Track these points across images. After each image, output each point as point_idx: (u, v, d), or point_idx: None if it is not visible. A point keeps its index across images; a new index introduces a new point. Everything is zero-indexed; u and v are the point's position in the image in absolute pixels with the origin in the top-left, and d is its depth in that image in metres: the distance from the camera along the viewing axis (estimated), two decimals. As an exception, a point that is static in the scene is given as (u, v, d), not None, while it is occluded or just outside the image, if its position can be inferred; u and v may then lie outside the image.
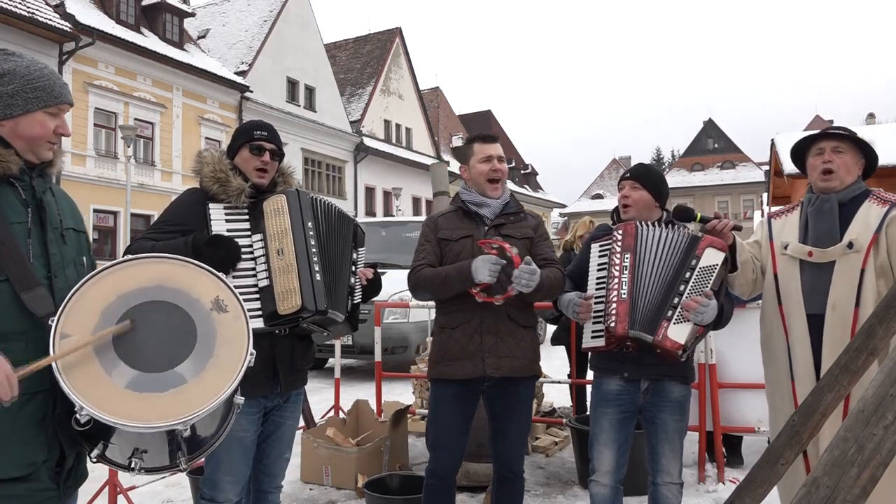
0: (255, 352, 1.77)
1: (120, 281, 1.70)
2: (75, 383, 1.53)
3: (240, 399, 1.77)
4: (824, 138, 2.60)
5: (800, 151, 2.70)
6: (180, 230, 2.28)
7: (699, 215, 2.66)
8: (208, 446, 1.81)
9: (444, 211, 2.91)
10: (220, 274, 1.86)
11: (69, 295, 1.62)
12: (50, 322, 1.56)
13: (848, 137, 2.58)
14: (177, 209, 2.40)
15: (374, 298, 2.77)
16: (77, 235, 1.84)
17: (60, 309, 1.59)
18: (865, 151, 2.59)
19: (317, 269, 2.30)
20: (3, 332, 1.57)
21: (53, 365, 1.53)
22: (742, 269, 2.65)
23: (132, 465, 1.66)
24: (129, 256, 1.78)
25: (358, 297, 2.52)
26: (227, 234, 2.29)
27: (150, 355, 1.63)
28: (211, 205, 2.33)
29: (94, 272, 1.69)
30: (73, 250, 1.81)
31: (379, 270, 2.74)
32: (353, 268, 2.52)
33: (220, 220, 2.31)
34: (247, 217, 2.35)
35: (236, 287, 1.96)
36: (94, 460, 1.67)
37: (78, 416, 1.51)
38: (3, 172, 1.65)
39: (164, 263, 1.80)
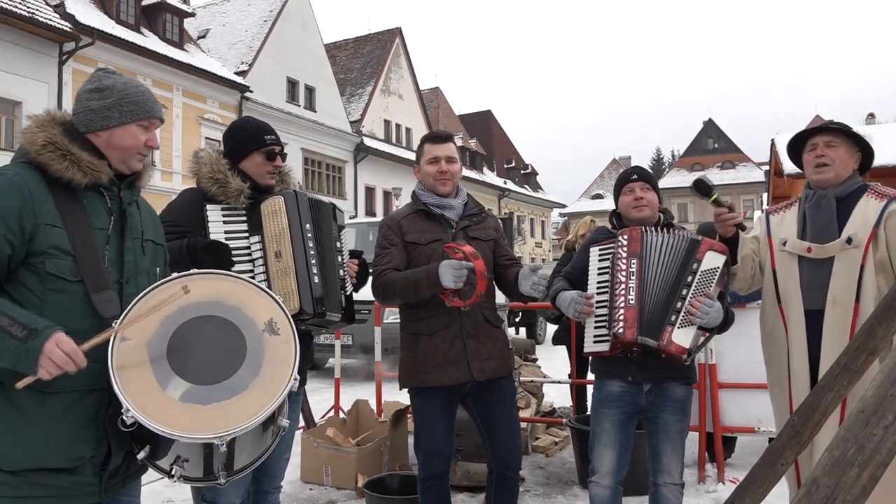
0: (298, 377, 1.81)
1: (185, 294, 1.75)
2: (126, 386, 1.60)
3: (285, 422, 1.82)
4: (817, 133, 2.61)
5: (796, 149, 2.70)
6: (178, 231, 2.27)
7: (715, 196, 2.62)
8: (251, 464, 1.83)
9: (404, 213, 2.83)
10: (276, 297, 1.88)
11: (134, 301, 1.70)
12: (113, 324, 1.65)
13: (840, 131, 2.57)
14: (174, 210, 2.39)
15: (374, 298, 2.76)
16: (155, 247, 1.95)
17: (124, 313, 1.68)
18: (861, 145, 2.58)
19: (315, 271, 2.30)
20: (73, 329, 1.63)
21: (110, 365, 1.61)
22: (741, 264, 2.65)
23: (173, 472, 1.70)
24: (194, 270, 1.84)
25: (349, 289, 2.51)
26: (224, 235, 2.28)
27: (199, 368, 1.69)
28: (208, 206, 2.31)
29: (157, 283, 1.77)
30: (149, 261, 1.90)
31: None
32: (341, 258, 2.50)
33: (217, 222, 2.30)
34: (245, 218, 2.34)
35: None
36: (141, 461, 1.72)
37: (124, 416, 1.58)
38: (93, 181, 1.75)
39: (225, 280, 1.86)
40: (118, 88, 1.84)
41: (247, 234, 2.32)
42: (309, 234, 2.34)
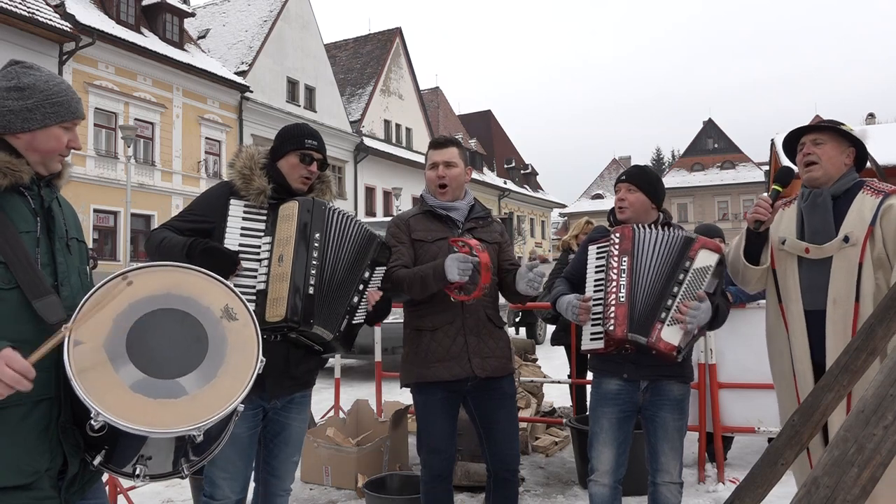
0: (264, 359, 1.79)
1: (131, 289, 1.72)
2: (90, 389, 1.54)
3: (240, 407, 1.78)
4: (805, 132, 2.63)
5: (792, 150, 2.72)
6: (201, 222, 2.33)
7: (779, 190, 2.59)
8: (209, 452, 1.82)
9: (412, 213, 2.90)
10: (228, 283, 1.87)
11: (81, 303, 1.64)
12: (64, 328, 1.58)
13: (827, 128, 2.58)
14: (202, 200, 2.45)
15: None
16: (79, 245, 1.87)
17: (73, 316, 1.61)
18: (852, 141, 2.58)
19: (311, 282, 2.26)
20: (13, 339, 1.57)
21: (69, 372, 1.53)
22: (761, 261, 2.64)
23: (137, 472, 1.66)
24: (138, 265, 1.80)
25: (359, 319, 2.44)
26: (241, 231, 2.31)
27: (163, 362, 1.66)
28: (233, 200, 2.34)
29: (104, 281, 1.70)
30: (76, 259, 1.83)
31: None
32: (362, 287, 2.44)
33: (237, 217, 2.33)
34: (265, 218, 2.36)
35: (239, 286, 1.94)
36: (95, 468, 1.67)
37: (93, 421, 1.52)
38: (14, 182, 1.67)
39: (173, 272, 1.82)
40: (40, 88, 1.73)
41: (262, 234, 2.34)
42: (316, 245, 2.31)
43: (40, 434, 1.63)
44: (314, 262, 2.29)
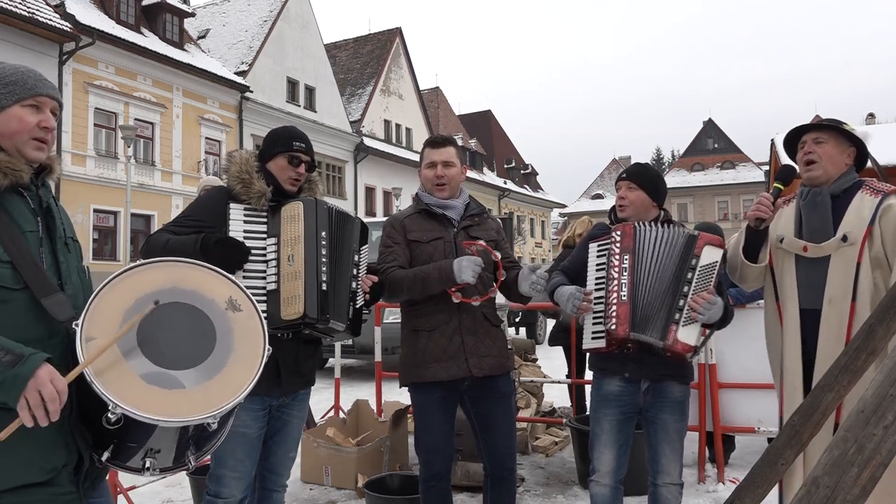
0: (271, 348, 1.83)
1: (136, 284, 1.75)
2: (106, 383, 1.57)
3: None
4: (805, 131, 2.63)
5: (793, 149, 2.72)
6: (199, 226, 2.34)
7: (780, 188, 2.59)
8: (213, 443, 1.85)
9: (406, 213, 2.91)
10: (230, 276, 1.90)
11: (90, 299, 1.66)
12: (74, 325, 1.59)
13: (828, 127, 2.57)
14: (199, 205, 2.47)
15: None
16: (75, 244, 1.89)
17: (83, 313, 1.62)
18: (853, 141, 2.58)
19: (324, 278, 2.33)
20: (22, 339, 1.58)
21: (85, 369, 1.56)
22: (759, 263, 2.64)
23: (147, 466, 1.69)
24: (143, 261, 1.83)
25: (360, 302, 2.52)
26: (243, 234, 2.34)
27: (174, 354, 1.69)
28: (232, 204, 2.37)
29: (110, 277, 1.71)
30: (75, 258, 1.85)
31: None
32: (355, 270, 2.52)
33: (238, 221, 2.36)
34: (265, 220, 2.39)
35: (247, 288, 1.97)
36: (102, 465, 1.69)
37: (110, 414, 1.55)
38: (15, 181, 1.67)
39: (177, 266, 1.85)
40: None
41: (265, 236, 2.37)
42: (323, 242, 2.37)
43: (56, 430, 1.63)
44: (324, 260, 2.36)
